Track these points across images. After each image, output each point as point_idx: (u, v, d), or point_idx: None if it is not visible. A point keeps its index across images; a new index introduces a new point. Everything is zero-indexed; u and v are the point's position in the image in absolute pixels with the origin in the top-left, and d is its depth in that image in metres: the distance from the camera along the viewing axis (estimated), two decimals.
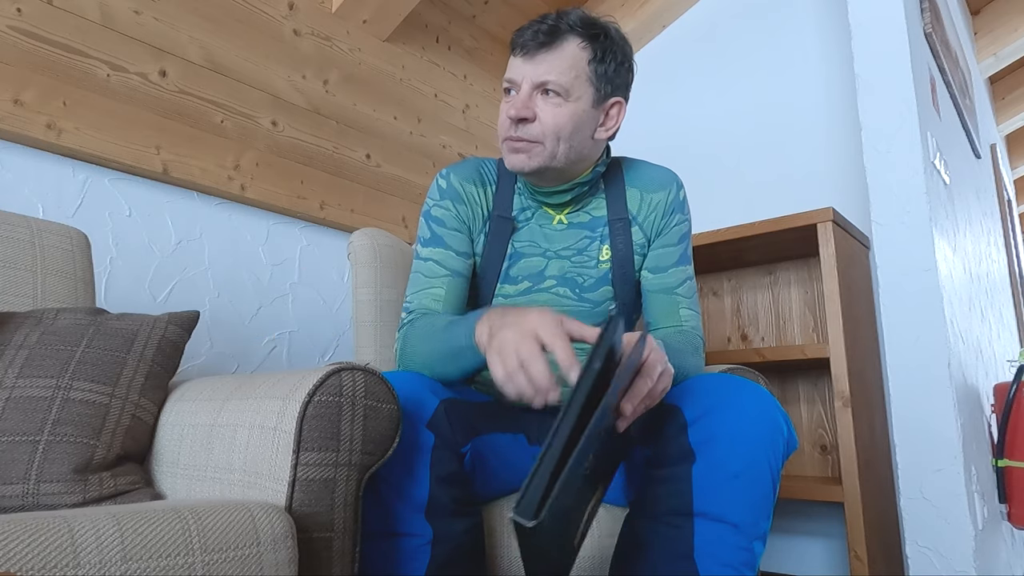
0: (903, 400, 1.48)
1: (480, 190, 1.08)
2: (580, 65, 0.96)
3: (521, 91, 0.97)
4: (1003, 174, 3.45)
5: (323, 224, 1.89)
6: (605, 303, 1.06)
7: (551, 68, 0.95)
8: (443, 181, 1.08)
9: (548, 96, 0.96)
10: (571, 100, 0.96)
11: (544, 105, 0.96)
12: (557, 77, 0.95)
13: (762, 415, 0.83)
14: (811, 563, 1.93)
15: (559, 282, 1.06)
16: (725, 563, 0.79)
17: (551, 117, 0.96)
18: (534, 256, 1.07)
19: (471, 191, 1.08)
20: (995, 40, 3.04)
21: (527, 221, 1.08)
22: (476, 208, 1.08)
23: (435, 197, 1.08)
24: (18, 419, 0.81)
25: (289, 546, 0.67)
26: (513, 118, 0.96)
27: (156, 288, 1.53)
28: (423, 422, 0.87)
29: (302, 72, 1.86)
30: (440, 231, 1.06)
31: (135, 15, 1.52)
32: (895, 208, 1.54)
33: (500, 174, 1.11)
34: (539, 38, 0.95)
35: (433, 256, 1.05)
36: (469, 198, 1.08)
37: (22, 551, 0.50)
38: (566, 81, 0.95)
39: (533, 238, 1.07)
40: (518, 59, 0.97)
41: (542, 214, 1.08)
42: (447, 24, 2.31)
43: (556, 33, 0.95)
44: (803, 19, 2.17)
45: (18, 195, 1.35)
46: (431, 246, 1.06)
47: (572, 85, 0.96)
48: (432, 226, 1.07)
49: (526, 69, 0.96)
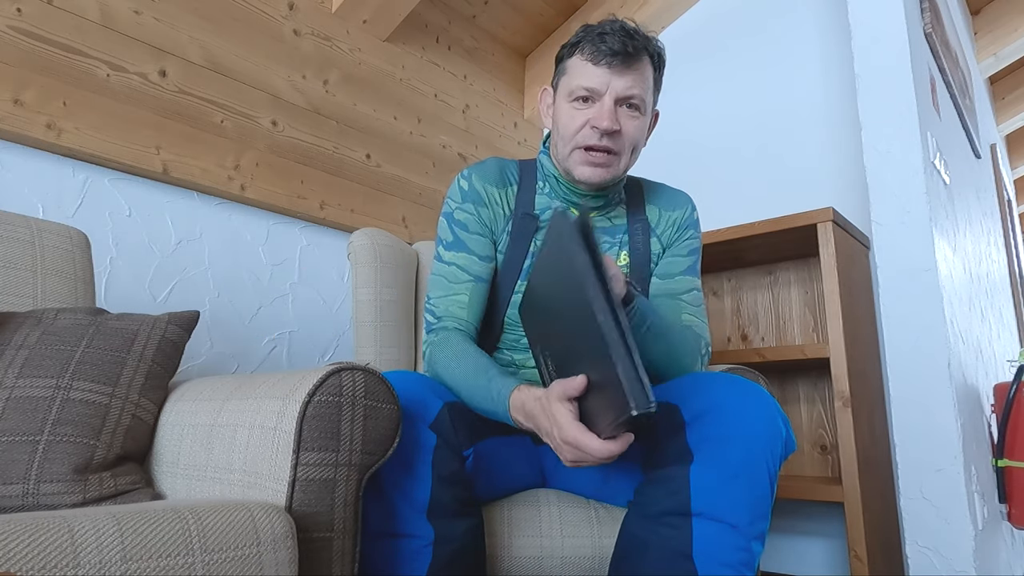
0: (903, 400, 1.48)
1: (501, 191, 1.09)
2: (651, 80, 1.01)
3: (604, 102, 0.98)
4: (1003, 174, 3.45)
5: (323, 224, 1.89)
6: None
7: (635, 82, 0.98)
8: (465, 183, 1.09)
9: (629, 109, 0.99)
10: (645, 115, 1.02)
11: (626, 118, 0.99)
12: (640, 92, 0.99)
13: (760, 416, 0.83)
14: (811, 563, 1.93)
15: None
16: (724, 563, 0.79)
17: (632, 130, 1.00)
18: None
19: (492, 193, 1.09)
20: (995, 40, 3.04)
21: (548, 221, 1.08)
22: (498, 209, 1.09)
23: (457, 200, 1.09)
24: (18, 419, 0.81)
25: (289, 546, 0.67)
26: (606, 129, 0.97)
27: (156, 288, 1.53)
28: (426, 423, 0.87)
29: (302, 72, 1.86)
30: (463, 235, 1.07)
31: (135, 15, 1.52)
32: (895, 208, 1.54)
33: (522, 174, 1.12)
34: (628, 50, 0.96)
35: (456, 260, 1.06)
36: (491, 200, 1.09)
37: (22, 551, 0.50)
38: (646, 94, 1.00)
39: None
40: (601, 68, 0.98)
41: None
42: (447, 24, 2.31)
43: (640, 51, 0.98)
44: (803, 19, 2.17)
45: (18, 195, 1.35)
46: (454, 250, 1.07)
47: (648, 98, 1.01)
48: (455, 230, 1.08)
49: (613, 81, 0.97)
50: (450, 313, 1.04)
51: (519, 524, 0.97)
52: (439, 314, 1.05)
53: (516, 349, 1.09)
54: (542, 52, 2.59)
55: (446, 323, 1.04)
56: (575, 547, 0.96)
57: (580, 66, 1.00)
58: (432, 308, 1.06)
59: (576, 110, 1.00)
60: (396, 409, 0.80)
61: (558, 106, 1.05)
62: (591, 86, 0.98)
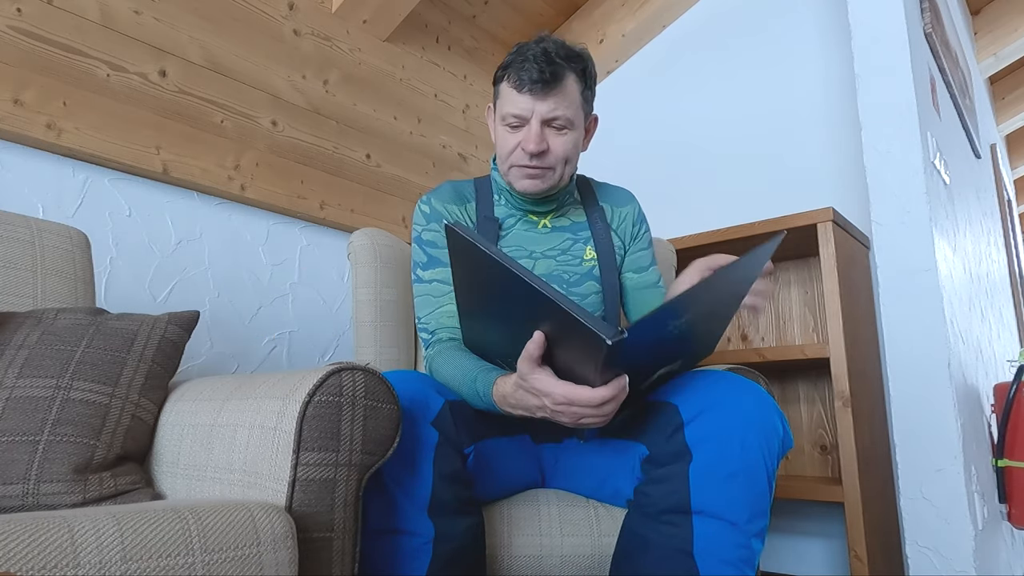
0: (903, 400, 1.48)
1: (461, 208, 1.16)
2: (577, 97, 1.07)
3: (531, 126, 1.05)
4: (1003, 174, 3.45)
5: (323, 224, 1.89)
6: (591, 296, 1.14)
7: (558, 104, 1.04)
8: (425, 207, 1.15)
9: (555, 129, 1.06)
10: (574, 129, 1.08)
11: (553, 137, 1.06)
12: (564, 111, 1.05)
13: (758, 414, 0.84)
14: (811, 563, 1.93)
15: (547, 280, 1.12)
16: (725, 561, 0.79)
17: (560, 147, 1.07)
18: (521, 258, 1.14)
19: (453, 210, 1.16)
20: (995, 40, 3.04)
21: (511, 228, 1.15)
22: (461, 223, 1.13)
23: (421, 223, 1.15)
24: (18, 419, 0.81)
25: (289, 546, 0.67)
26: (533, 152, 1.04)
27: (156, 288, 1.54)
28: (428, 419, 0.88)
29: (302, 72, 1.86)
30: (435, 252, 1.12)
31: (135, 15, 1.52)
32: (895, 208, 1.54)
33: (478, 189, 1.19)
34: (545, 77, 1.02)
35: (436, 277, 1.11)
36: (453, 216, 1.15)
37: (22, 551, 0.50)
38: (572, 114, 1.06)
39: (519, 242, 1.14)
40: (524, 96, 1.04)
41: (526, 220, 1.16)
42: (447, 24, 2.31)
43: (559, 73, 1.03)
44: (803, 19, 2.17)
45: (18, 195, 1.35)
46: (431, 268, 1.12)
47: (575, 116, 1.07)
48: (427, 250, 1.13)
49: (536, 106, 1.04)
50: (441, 324, 1.08)
51: (519, 523, 0.97)
52: (432, 328, 1.09)
53: None
54: None
55: (440, 335, 1.08)
56: (575, 546, 0.96)
57: (508, 93, 1.06)
58: (424, 325, 1.10)
59: (508, 133, 1.08)
60: (396, 409, 0.80)
61: (496, 127, 1.12)
62: (517, 113, 1.05)
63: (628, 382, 0.79)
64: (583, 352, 0.75)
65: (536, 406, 0.83)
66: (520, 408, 0.86)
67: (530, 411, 0.85)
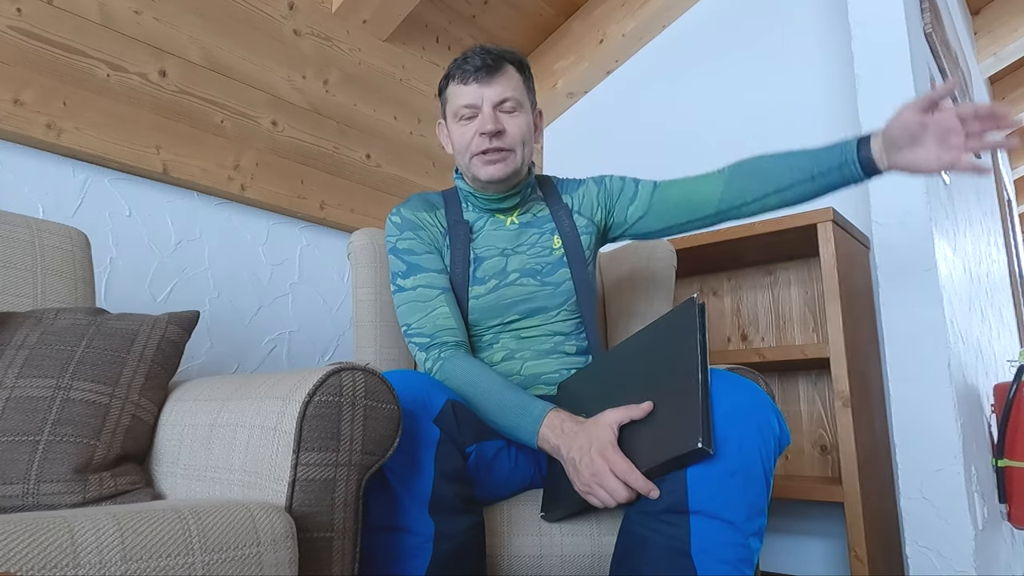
0: (903, 400, 1.48)
1: (431, 214, 1.19)
2: (519, 83, 1.14)
3: (484, 111, 1.10)
4: (1003, 174, 3.45)
5: (323, 224, 1.89)
6: (564, 283, 1.17)
7: (505, 87, 1.11)
8: (396, 217, 1.19)
9: (507, 111, 1.11)
10: (523, 111, 1.13)
11: (507, 119, 1.11)
12: (512, 93, 1.11)
13: (754, 412, 0.84)
14: (811, 563, 1.93)
15: (522, 274, 1.16)
16: (723, 560, 0.79)
17: (515, 127, 1.12)
18: (494, 257, 1.17)
19: (424, 217, 1.19)
20: (995, 40, 3.04)
21: (481, 229, 1.19)
22: (433, 229, 1.18)
23: (395, 233, 1.17)
24: (18, 419, 0.81)
25: (289, 546, 0.67)
26: (491, 132, 1.09)
27: (156, 288, 1.54)
28: (430, 417, 0.89)
29: (302, 72, 1.86)
30: (414, 259, 1.15)
31: (135, 15, 1.52)
32: (895, 208, 1.54)
33: (446, 197, 1.23)
34: (488, 63, 1.09)
35: (419, 283, 1.13)
36: (424, 222, 1.18)
37: (22, 551, 0.50)
38: (519, 95, 1.13)
39: (490, 242, 1.18)
40: (471, 86, 1.10)
41: (494, 220, 1.20)
42: (447, 24, 2.31)
43: (499, 61, 1.11)
44: (803, 19, 2.17)
45: (18, 195, 1.35)
46: (412, 275, 1.14)
47: (522, 98, 1.13)
48: (405, 258, 1.15)
49: (485, 92, 1.10)
50: (439, 327, 1.09)
51: (519, 523, 0.97)
52: (428, 332, 1.10)
53: (479, 349, 1.17)
54: (542, 52, 2.59)
55: (442, 338, 1.09)
56: (574, 546, 0.96)
57: (456, 89, 1.12)
58: (418, 330, 1.11)
59: (464, 127, 1.12)
60: (396, 409, 0.80)
61: (451, 130, 1.16)
62: (468, 102, 1.11)
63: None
64: (662, 434, 0.83)
65: (579, 446, 0.87)
66: (565, 445, 0.89)
67: (568, 447, 0.89)
